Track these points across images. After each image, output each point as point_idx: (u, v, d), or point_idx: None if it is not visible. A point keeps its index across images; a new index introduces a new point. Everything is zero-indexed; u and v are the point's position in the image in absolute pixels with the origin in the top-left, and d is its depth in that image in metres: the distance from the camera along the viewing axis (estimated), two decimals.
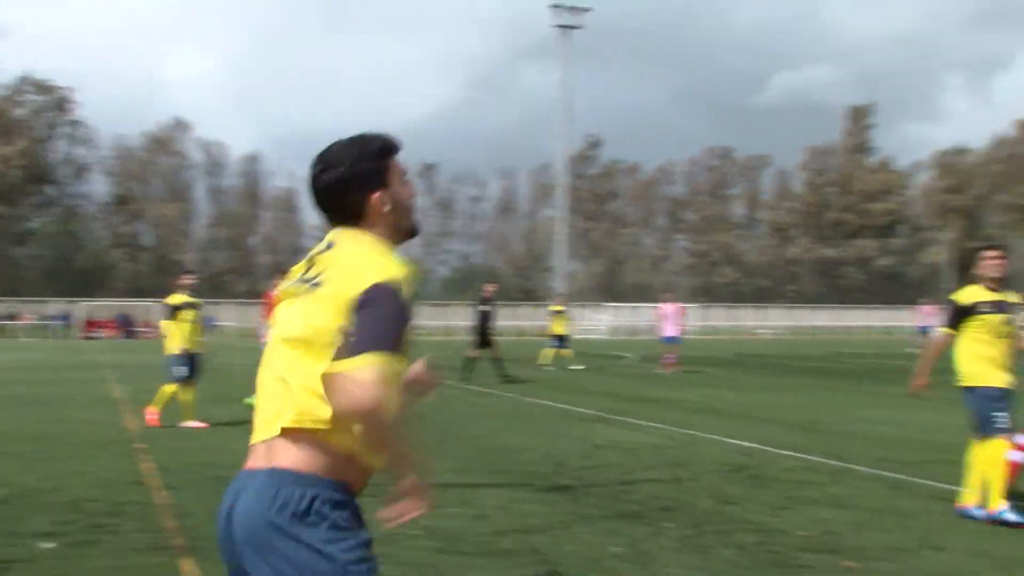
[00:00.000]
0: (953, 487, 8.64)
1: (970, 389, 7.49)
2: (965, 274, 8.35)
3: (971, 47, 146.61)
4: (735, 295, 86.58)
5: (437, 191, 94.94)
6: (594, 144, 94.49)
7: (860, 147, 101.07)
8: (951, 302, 7.76)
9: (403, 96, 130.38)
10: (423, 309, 51.00)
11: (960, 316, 7.57)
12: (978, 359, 7.46)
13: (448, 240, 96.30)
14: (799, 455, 10.54)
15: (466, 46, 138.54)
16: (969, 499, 7.45)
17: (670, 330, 25.47)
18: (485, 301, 21.76)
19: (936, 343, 7.89)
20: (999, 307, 7.50)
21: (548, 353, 26.16)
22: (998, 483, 7.17)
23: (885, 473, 9.42)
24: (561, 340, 26.21)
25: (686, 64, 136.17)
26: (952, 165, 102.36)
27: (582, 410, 15.07)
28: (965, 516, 7.35)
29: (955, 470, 9.55)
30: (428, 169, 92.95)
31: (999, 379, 7.37)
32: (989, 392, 7.35)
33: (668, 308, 25.96)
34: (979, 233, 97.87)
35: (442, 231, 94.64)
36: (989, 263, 7.65)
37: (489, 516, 7.33)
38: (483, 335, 21.31)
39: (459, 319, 55.50)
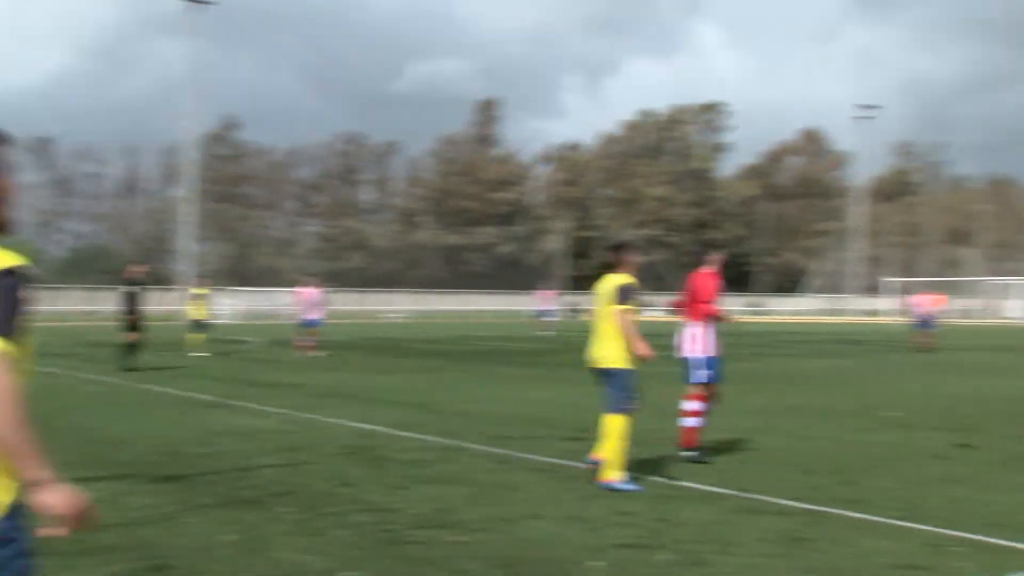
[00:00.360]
0: (555, 460, 9.30)
1: (617, 370, 8.06)
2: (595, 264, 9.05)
3: (587, 49, 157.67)
4: (364, 280, 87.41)
5: (54, 167, 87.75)
6: (229, 125, 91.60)
7: (486, 139, 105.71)
8: (629, 287, 8.18)
9: (10, 61, 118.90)
10: (35, 293, 46.93)
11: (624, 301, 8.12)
12: (621, 343, 8.06)
13: (65, 220, 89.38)
14: (417, 436, 10.84)
15: (88, 10, 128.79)
16: (601, 455, 8.02)
17: (310, 313, 25.29)
18: (132, 282, 20.32)
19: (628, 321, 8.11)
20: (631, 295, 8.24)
21: (194, 338, 25.05)
22: (618, 455, 7.86)
23: (494, 449, 9.92)
24: (198, 325, 25.22)
25: (325, 48, 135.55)
26: (567, 159, 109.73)
27: (204, 397, 14.59)
28: (607, 488, 7.84)
29: (558, 444, 10.30)
30: (43, 144, 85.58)
31: (634, 362, 8.08)
32: (630, 373, 8.05)
33: (308, 292, 25.74)
34: (590, 224, 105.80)
35: (58, 210, 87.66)
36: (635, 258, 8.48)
37: None
38: (130, 317, 19.85)
39: (74, 303, 51.81)
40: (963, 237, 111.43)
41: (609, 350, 8.13)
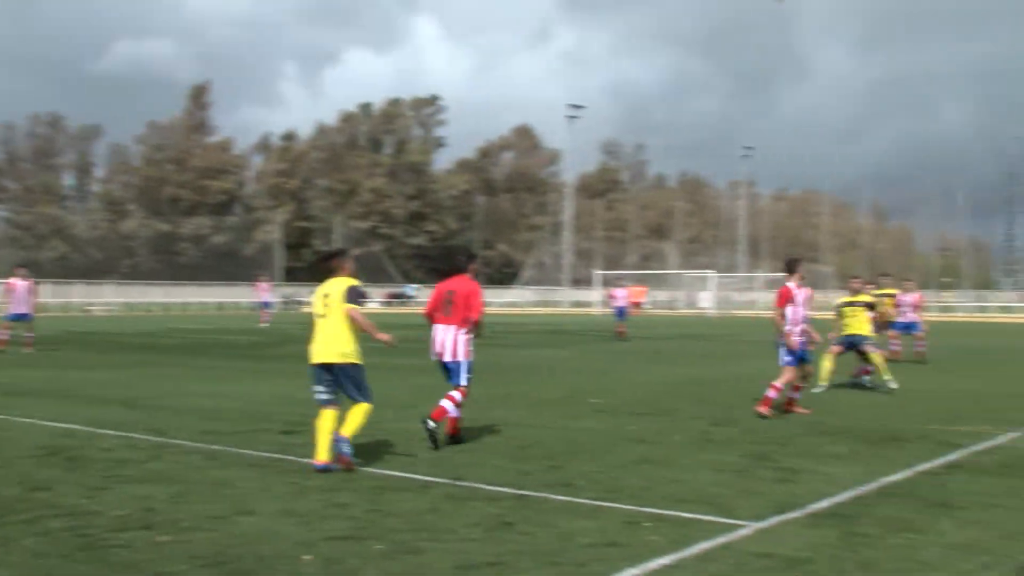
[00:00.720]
0: (268, 454, 9.11)
1: (354, 365, 8.58)
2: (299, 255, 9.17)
3: (306, 38, 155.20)
4: (64, 270, 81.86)
5: None
6: None
7: (199, 125, 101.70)
8: (356, 288, 8.64)
9: None
10: None
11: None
12: (350, 339, 8.55)
13: None
14: (122, 433, 10.30)
15: None
16: (322, 457, 8.31)
17: (18, 307, 23.38)
18: None
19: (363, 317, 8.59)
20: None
21: None
22: (324, 440, 8.36)
23: (204, 445, 9.59)
24: None
25: (16, 19, 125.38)
26: (284, 149, 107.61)
27: None
28: (322, 470, 8.24)
29: (271, 438, 10.11)
30: None
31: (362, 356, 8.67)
32: (360, 368, 8.62)
33: (18, 284, 23.72)
34: (307, 214, 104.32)
35: None
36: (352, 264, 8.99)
37: None
38: None
39: None
40: (662, 232, 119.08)
41: (337, 346, 8.50)
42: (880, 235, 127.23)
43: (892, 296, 21.64)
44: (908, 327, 21.93)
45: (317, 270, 9.22)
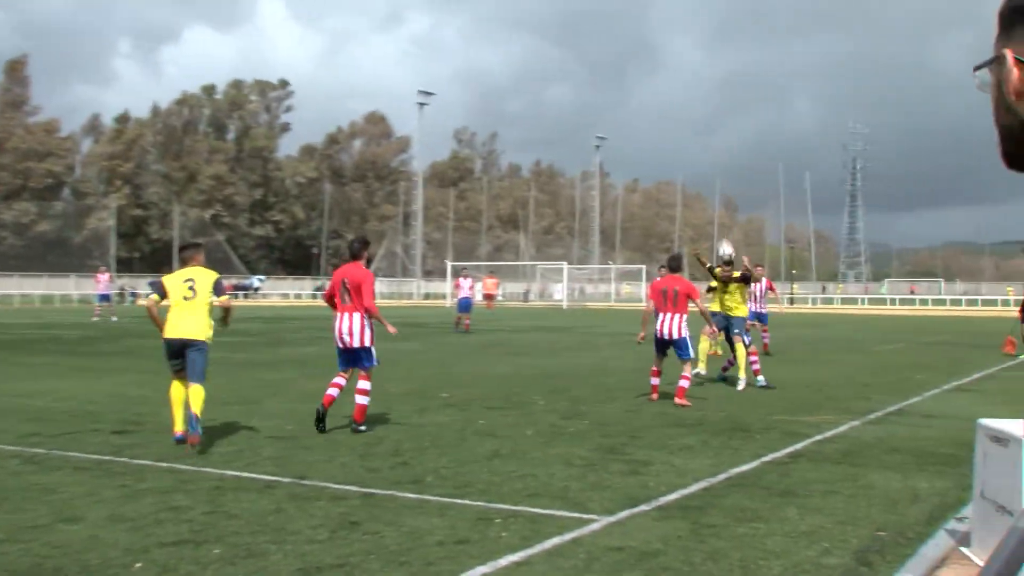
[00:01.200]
0: (98, 456, 8.78)
1: (208, 345, 9.67)
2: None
3: (143, 13, 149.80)
4: None
5: None
6: None
7: (17, 102, 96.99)
8: (220, 279, 10.05)
9: None
10: None
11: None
12: (207, 320, 9.72)
13: None
14: None
15: None
16: (179, 428, 9.45)
17: None
18: None
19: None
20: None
21: None
22: (179, 411, 9.48)
23: (26, 449, 9.16)
24: None
25: None
26: (117, 131, 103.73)
27: None
28: (178, 442, 9.34)
29: (101, 439, 9.74)
30: None
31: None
32: (208, 347, 9.71)
33: None
34: (143, 201, 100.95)
35: None
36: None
37: None
38: None
39: None
40: (516, 223, 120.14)
41: (196, 325, 9.57)
42: (732, 227, 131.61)
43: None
44: (758, 317, 22.32)
45: (156, 260, 9.73)
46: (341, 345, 10.53)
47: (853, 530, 6.44)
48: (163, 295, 9.76)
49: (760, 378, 15.22)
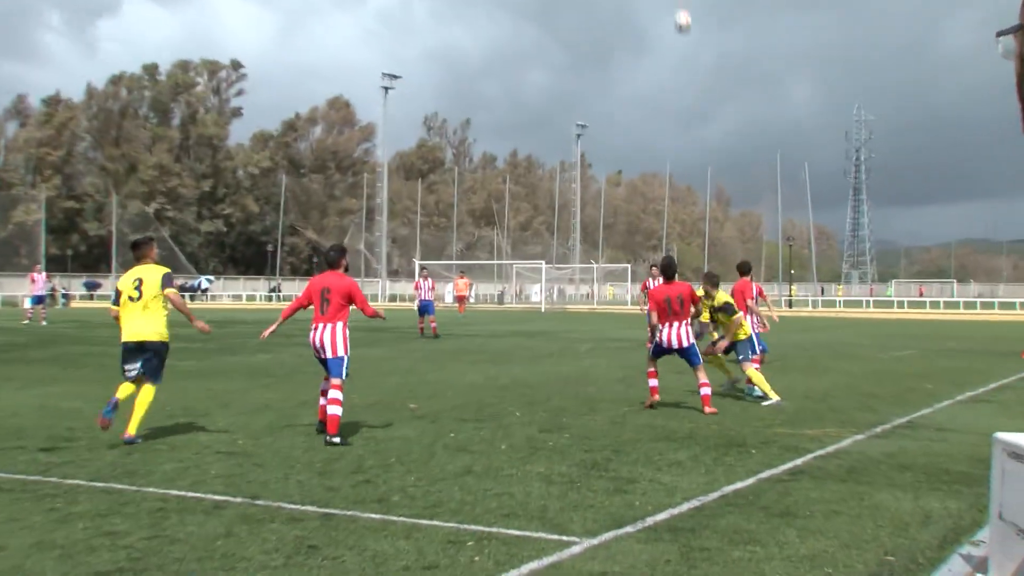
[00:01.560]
0: (23, 476, 8.69)
1: (164, 344, 10.64)
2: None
3: None
4: None
5: None
6: None
7: None
8: (170, 274, 10.84)
9: None
10: None
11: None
12: (162, 320, 10.61)
13: None
14: None
15: None
16: (132, 430, 10.23)
17: None
18: None
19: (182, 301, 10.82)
20: None
21: None
22: (140, 414, 10.32)
23: None
24: None
25: None
26: (47, 115, 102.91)
27: None
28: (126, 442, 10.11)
29: (27, 456, 9.64)
30: None
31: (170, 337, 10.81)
32: (167, 347, 10.69)
33: None
34: (76, 193, 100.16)
35: None
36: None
37: None
38: None
39: None
40: (490, 218, 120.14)
41: (154, 326, 10.45)
42: (724, 222, 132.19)
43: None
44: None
45: (93, 257, 9.90)
46: (318, 356, 11.30)
47: (859, 554, 6.45)
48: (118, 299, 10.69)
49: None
